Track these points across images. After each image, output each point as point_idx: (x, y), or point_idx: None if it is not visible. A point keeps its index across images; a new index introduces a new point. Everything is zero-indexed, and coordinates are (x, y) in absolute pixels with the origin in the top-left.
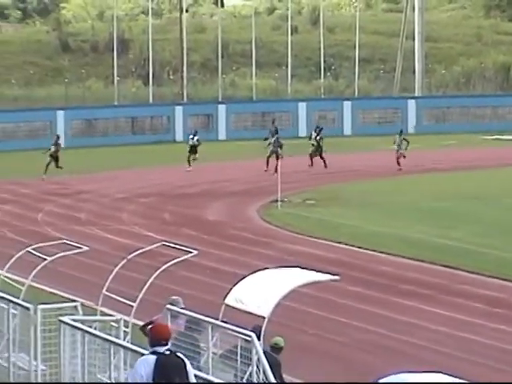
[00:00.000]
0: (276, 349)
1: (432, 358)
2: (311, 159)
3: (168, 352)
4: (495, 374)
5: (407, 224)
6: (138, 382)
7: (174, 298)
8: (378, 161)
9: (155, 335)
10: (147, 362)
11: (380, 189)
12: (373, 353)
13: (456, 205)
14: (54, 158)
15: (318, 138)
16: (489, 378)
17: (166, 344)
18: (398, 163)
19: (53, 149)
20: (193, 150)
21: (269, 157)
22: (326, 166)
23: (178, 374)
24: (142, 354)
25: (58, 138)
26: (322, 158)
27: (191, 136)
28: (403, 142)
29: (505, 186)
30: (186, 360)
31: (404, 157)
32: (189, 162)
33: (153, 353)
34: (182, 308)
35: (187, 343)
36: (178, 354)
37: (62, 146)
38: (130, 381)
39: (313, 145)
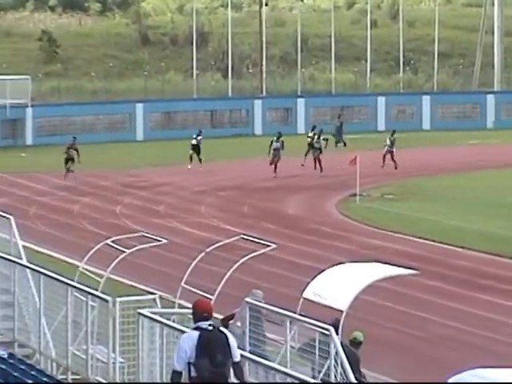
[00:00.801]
0: (355, 343)
1: (511, 353)
2: (383, 159)
3: (211, 327)
4: None
5: (486, 219)
6: (182, 357)
7: (254, 290)
8: (456, 155)
9: (198, 310)
10: (191, 338)
11: (459, 183)
12: (451, 347)
13: None
14: (70, 159)
15: (320, 138)
16: None
17: (209, 319)
18: (384, 160)
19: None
20: (195, 149)
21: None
22: (321, 170)
23: (221, 348)
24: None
25: (75, 139)
26: (319, 160)
27: (194, 135)
28: (395, 141)
29: None
30: (229, 335)
31: (392, 154)
32: (191, 159)
33: (196, 328)
34: (261, 301)
35: (254, 332)
36: (221, 329)
37: (141, 138)
38: (175, 356)
39: (314, 146)
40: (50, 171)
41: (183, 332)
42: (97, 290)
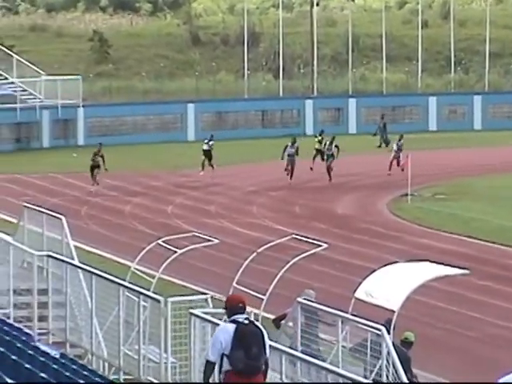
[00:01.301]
0: (406, 343)
1: None
2: (390, 166)
3: (247, 321)
4: None
5: None
6: (218, 348)
7: (307, 290)
8: (507, 155)
9: (233, 303)
10: (226, 330)
11: (510, 183)
12: (503, 348)
13: None
14: (96, 166)
15: (332, 144)
16: None
17: (244, 311)
18: (390, 167)
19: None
20: (207, 154)
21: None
22: (330, 179)
23: (256, 342)
24: (273, 348)
25: (101, 145)
26: (331, 168)
27: (206, 140)
28: (402, 146)
29: None
30: (263, 329)
31: (398, 160)
32: (203, 166)
33: (232, 321)
34: (313, 301)
35: (307, 333)
36: (256, 324)
37: (193, 138)
38: (210, 347)
39: (325, 153)
40: (102, 171)
41: None
42: (149, 290)
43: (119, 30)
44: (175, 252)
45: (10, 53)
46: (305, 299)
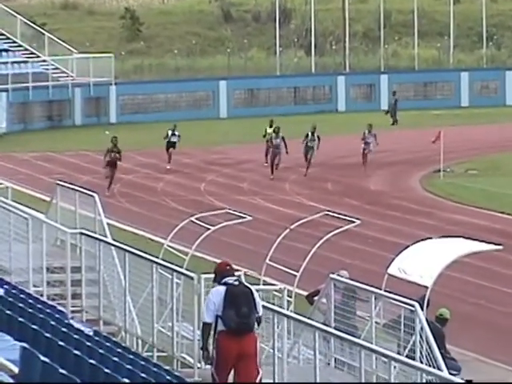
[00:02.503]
0: (441, 320)
1: None
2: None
3: (237, 282)
4: None
5: None
6: (212, 309)
7: (341, 271)
8: None
9: (221, 267)
10: (218, 292)
11: None
12: None
13: None
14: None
15: (314, 135)
16: None
17: (233, 274)
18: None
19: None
20: (173, 145)
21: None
22: (306, 173)
23: (246, 301)
24: (306, 324)
25: (116, 139)
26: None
27: (171, 131)
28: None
29: None
30: (253, 289)
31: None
32: (168, 158)
33: (223, 284)
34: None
35: (345, 311)
36: (246, 284)
37: (225, 115)
38: (205, 309)
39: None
40: (134, 149)
41: (268, 309)
42: (182, 267)
43: (151, 8)
44: (208, 229)
45: (42, 31)
46: None
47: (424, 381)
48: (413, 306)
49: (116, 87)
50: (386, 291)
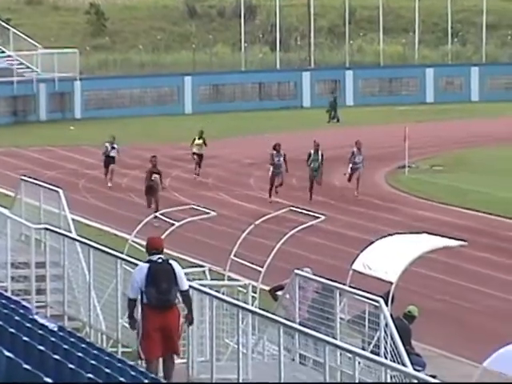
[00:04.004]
0: (409, 317)
1: None
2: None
3: (160, 260)
4: None
5: None
6: (135, 286)
7: (305, 269)
8: (505, 126)
9: (149, 245)
10: (142, 269)
11: (507, 155)
12: (501, 319)
13: None
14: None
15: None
16: None
17: (159, 253)
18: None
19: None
20: (113, 161)
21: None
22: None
23: (166, 278)
24: (271, 320)
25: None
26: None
27: (109, 145)
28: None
29: None
30: (175, 266)
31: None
32: (110, 175)
33: (147, 261)
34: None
35: (321, 310)
36: (170, 262)
37: (190, 111)
38: (129, 286)
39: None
40: (99, 144)
41: (233, 305)
42: None
43: (115, 3)
44: (173, 224)
45: (7, 26)
46: None
47: (389, 376)
48: (377, 301)
49: (81, 82)
50: (350, 287)
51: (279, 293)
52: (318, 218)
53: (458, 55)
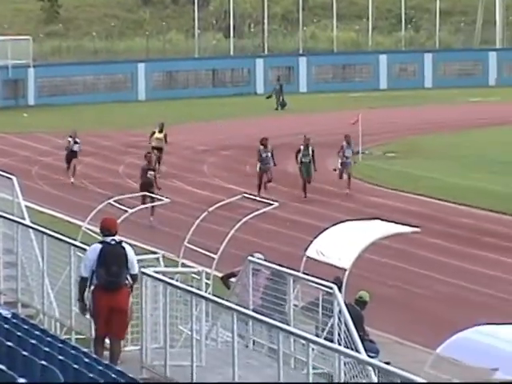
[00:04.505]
0: (360, 302)
1: None
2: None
3: (113, 242)
4: None
5: (488, 176)
6: (88, 265)
7: (256, 254)
8: (458, 113)
9: (103, 226)
10: (95, 249)
11: (460, 141)
12: (453, 305)
13: None
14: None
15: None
16: None
17: (113, 235)
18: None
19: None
20: (75, 155)
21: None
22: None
23: (117, 261)
24: (224, 306)
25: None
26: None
27: (71, 140)
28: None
29: None
30: (128, 249)
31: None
32: (72, 170)
33: (100, 242)
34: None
35: (274, 297)
36: (123, 245)
37: (143, 97)
38: (82, 264)
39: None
40: (52, 131)
41: (187, 291)
42: None
43: None
44: (126, 211)
45: None
46: None
47: (342, 363)
48: (331, 288)
49: (34, 69)
50: (304, 273)
51: (232, 280)
52: (271, 204)
53: (412, 42)
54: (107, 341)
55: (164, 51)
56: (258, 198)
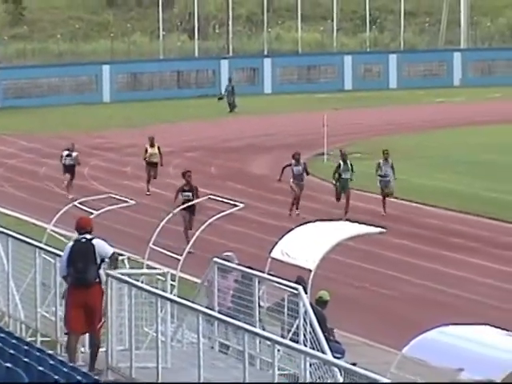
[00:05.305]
0: (321, 302)
1: (478, 311)
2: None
3: (84, 240)
4: None
5: (453, 177)
6: (63, 265)
7: (228, 253)
8: (423, 114)
9: (77, 225)
10: (67, 248)
11: (426, 142)
12: (419, 306)
13: (502, 157)
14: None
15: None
16: None
17: (87, 233)
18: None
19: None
20: (69, 170)
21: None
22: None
23: (83, 257)
24: (190, 308)
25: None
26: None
27: (66, 152)
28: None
29: None
30: (97, 244)
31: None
32: (68, 187)
33: (74, 240)
34: (236, 263)
35: (241, 299)
36: (93, 241)
37: (108, 99)
38: (60, 265)
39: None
40: (17, 133)
41: (152, 293)
42: None
43: None
44: (91, 213)
45: None
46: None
47: (308, 364)
48: (296, 289)
49: None
50: (269, 275)
51: (198, 280)
52: (237, 205)
53: (376, 42)
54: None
55: (129, 53)
56: (223, 200)
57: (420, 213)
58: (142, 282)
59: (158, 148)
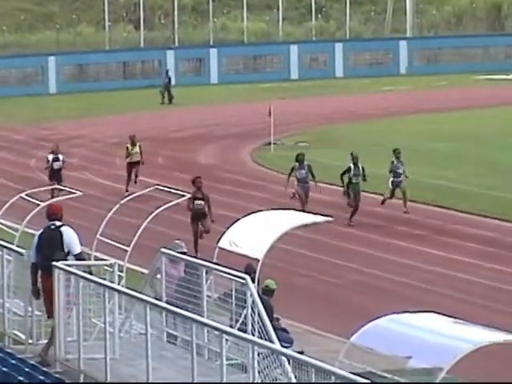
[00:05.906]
0: (267, 291)
1: (426, 299)
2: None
3: (53, 226)
4: (489, 313)
5: None
6: (34, 251)
7: (176, 241)
8: (369, 102)
9: (47, 212)
10: (36, 236)
11: (372, 130)
12: (366, 294)
13: (449, 145)
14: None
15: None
16: (482, 317)
17: (56, 219)
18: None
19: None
20: (56, 175)
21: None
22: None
23: (50, 244)
24: (137, 298)
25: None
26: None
27: (52, 156)
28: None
29: (498, 126)
30: (65, 233)
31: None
32: (53, 194)
33: (44, 227)
34: (183, 252)
35: (189, 289)
36: (61, 229)
37: (54, 90)
38: (31, 251)
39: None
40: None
41: (99, 284)
42: (12, 244)
43: None
44: (38, 205)
45: None
46: (178, 251)
47: (256, 353)
48: (244, 279)
49: None
50: (217, 264)
51: (146, 271)
52: (184, 196)
53: (322, 31)
54: None
55: (74, 44)
56: (170, 190)
57: (366, 201)
58: (90, 274)
59: (140, 146)
